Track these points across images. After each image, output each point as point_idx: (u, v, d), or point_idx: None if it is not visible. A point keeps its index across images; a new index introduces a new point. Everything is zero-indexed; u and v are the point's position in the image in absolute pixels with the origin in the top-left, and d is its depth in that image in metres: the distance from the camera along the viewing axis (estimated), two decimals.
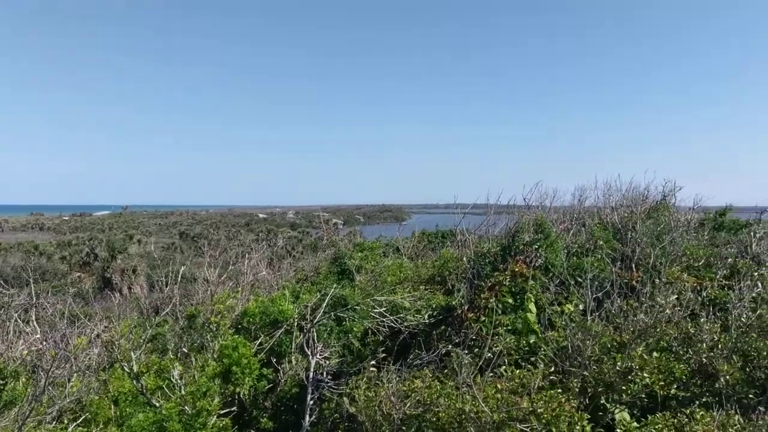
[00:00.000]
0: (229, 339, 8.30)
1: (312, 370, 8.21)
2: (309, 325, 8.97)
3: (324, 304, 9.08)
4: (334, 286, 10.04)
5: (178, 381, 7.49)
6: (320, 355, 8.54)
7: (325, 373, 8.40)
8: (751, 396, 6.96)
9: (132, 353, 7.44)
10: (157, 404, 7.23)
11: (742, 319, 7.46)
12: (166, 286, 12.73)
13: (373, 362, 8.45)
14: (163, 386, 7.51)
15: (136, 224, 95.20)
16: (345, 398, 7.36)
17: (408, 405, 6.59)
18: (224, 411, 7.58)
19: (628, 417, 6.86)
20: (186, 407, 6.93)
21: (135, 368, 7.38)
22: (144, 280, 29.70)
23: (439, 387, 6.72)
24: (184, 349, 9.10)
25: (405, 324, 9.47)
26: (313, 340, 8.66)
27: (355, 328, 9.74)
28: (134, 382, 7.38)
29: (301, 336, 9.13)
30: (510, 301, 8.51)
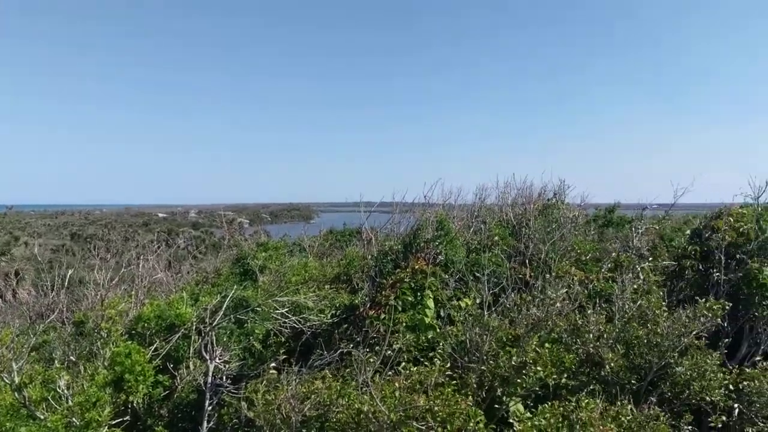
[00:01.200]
0: (122, 345, 7.93)
1: (211, 374, 7.98)
2: (208, 329, 8.71)
3: (224, 306, 8.85)
4: (236, 287, 9.81)
5: (65, 391, 7.08)
6: (220, 359, 8.32)
7: (224, 377, 8.20)
8: (633, 382, 7.42)
9: (13, 363, 6.96)
10: (42, 417, 6.80)
11: (625, 309, 7.92)
12: (53, 291, 11.99)
13: (273, 364, 8.34)
14: (49, 397, 7.08)
15: (22, 225, 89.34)
16: (244, 402, 7.22)
17: (308, 407, 6.54)
18: (116, 421, 7.24)
19: (522, 408, 7.13)
20: (74, 419, 6.57)
21: (17, 379, 6.91)
22: (30, 284, 27.90)
23: (339, 387, 6.72)
24: (72, 358, 8.61)
25: (308, 324, 9.40)
26: (213, 343, 8.43)
27: (256, 330, 9.55)
28: (16, 394, 6.91)
29: (200, 340, 8.86)
30: (410, 298, 8.63)
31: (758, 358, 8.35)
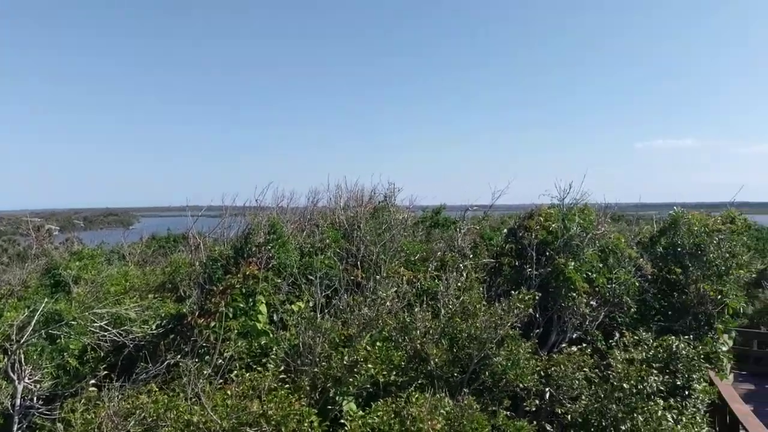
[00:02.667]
0: None
1: (19, 396, 7.27)
2: (15, 347, 7.88)
3: (33, 322, 8.05)
4: (47, 300, 8.95)
5: None
6: (29, 378, 7.60)
7: (35, 398, 7.52)
8: (455, 375, 7.86)
9: None
10: None
11: (449, 305, 8.37)
12: None
13: (93, 381, 7.77)
14: None
15: None
16: (59, 424, 6.64)
17: (132, 423, 6.15)
18: None
19: (354, 407, 7.24)
20: None
21: None
22: None
23: (166, 400, 6.39)
24: None
25: (131, 337, 8.84)
26: (21, 362, 7.66)
27: (71, 346, 8.78)
28: None
29: (6, 359, 7.98)
30: (241, 304, 8.43)
31: (564, 345, 9.21)
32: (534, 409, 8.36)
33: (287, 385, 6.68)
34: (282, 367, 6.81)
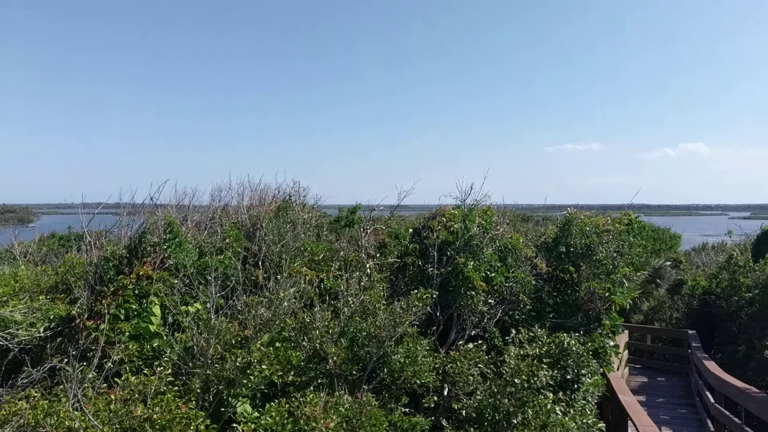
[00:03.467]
0: None
1: None
2: None
3: None
4: None
5: None
6: None
7: None
8: (354, 372, 7.91)
9: None
10: None
11: (350, 305, 8.40)
12: None
13: None
14: None
15: None
16: None
17: (8, 431, 5.84)
18: None
19: (249, 408, 7.16)
20: None
21: None
22: None
23: (46, 406, 6.10)
24: None
25: (16, 340, 8.38)
26: None
27: None
28: None
29: None
30: (134, 305, 8.15)
31: (461, 342, 9.45)
32: (433, 405, 8.54)
33: (176, 388, 6.51)
34: (168, 370, 6.61)
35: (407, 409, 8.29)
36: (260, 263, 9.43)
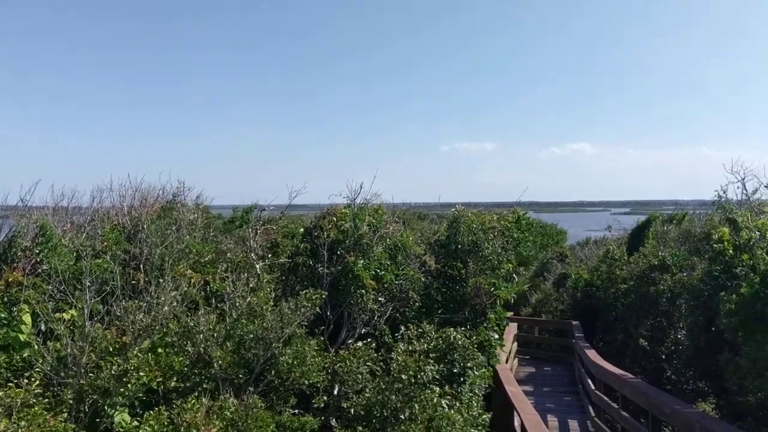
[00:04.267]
0: None
1: None
2: None
3: None
4: None
5: None
6: None
7: None
8: (240, 376, 7.77)
9: None
10: None
11: (236, 307, 8.25)
12: None
13: None
14: None
15: None
16: None
17: None
18: None
19: (128, 418, 6.87)
20: None
21: None
22: None
23: None
24: None
25: None
26: None
27: None
28: None
29: None
30: (2, 314, 7.62)
31: (351, 341, 9.51)
32: (323, 405, 8.54)
33: (46, 400, 6.15)
34: (37, 381, 6.23)
35: (297, 410, 8.25)
36: (141, 266, 9.07)
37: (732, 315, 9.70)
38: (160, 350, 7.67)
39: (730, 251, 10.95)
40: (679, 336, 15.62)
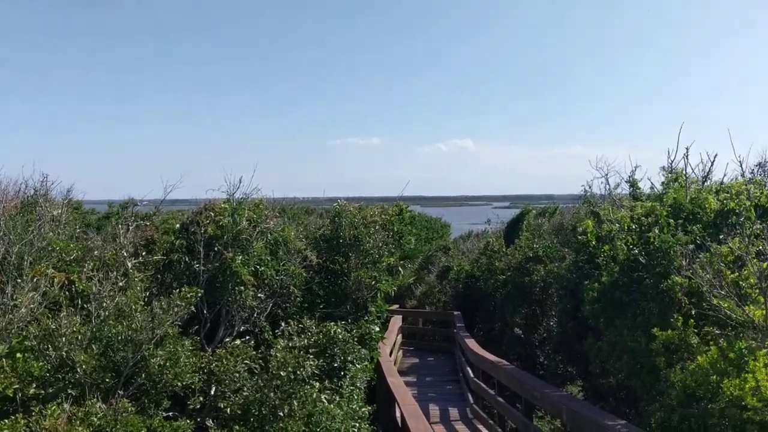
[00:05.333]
0: None
1: None
2: None
3: None
4: None
5: None
6: None
7: None
8: (107, 380, 7.38)
9: None
10: None
11: (103, 307, 7.82)
12: None
13: None
14: None
15: None
16: None
17: None
18: None
19: None
20: None
21: None
22: None
23: None
24: None
25: None
26: None
27: None
28: None
29: None
30: None
31: (228, 339, 9.31)
32: (199, 406, 8.29)
33: None
34: None
35: (171, 413, 7.97)
36: None
37: (594, 302, 10.40)
38: (18, 355, 7.15)
39: (594, 242, 11.70)
40: (551, 323, 16.56)
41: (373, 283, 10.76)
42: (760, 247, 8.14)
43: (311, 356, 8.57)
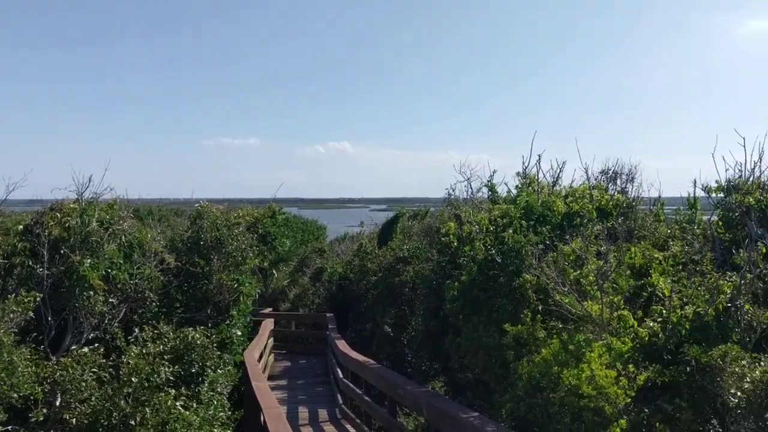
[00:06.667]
0: None
1: None
2: None
3: None
4: None
5: None
6: None
7: None
8: None
9: None
10: None
11: None
12: None
13: None
14: None
15: None
16: None
17: None
18: None
19: None
20: None
21: None
22: None
23: None
24: None
25: None
26: None
27: None
28: None
29: None
30: None
31: (75, 347, 8.76)
32: (42, 418, 7.74)
33: None
34: None
35: (11, 426, 7.39)
36: None
37: (454, 300, 10.77)
38: None
39: (455, 243, 12.12)
40: (419, 322, 16.94)
41: (236, 285, 10.54)
42: (599, 248, 8.80)
43: (166, 362, 8.25)
